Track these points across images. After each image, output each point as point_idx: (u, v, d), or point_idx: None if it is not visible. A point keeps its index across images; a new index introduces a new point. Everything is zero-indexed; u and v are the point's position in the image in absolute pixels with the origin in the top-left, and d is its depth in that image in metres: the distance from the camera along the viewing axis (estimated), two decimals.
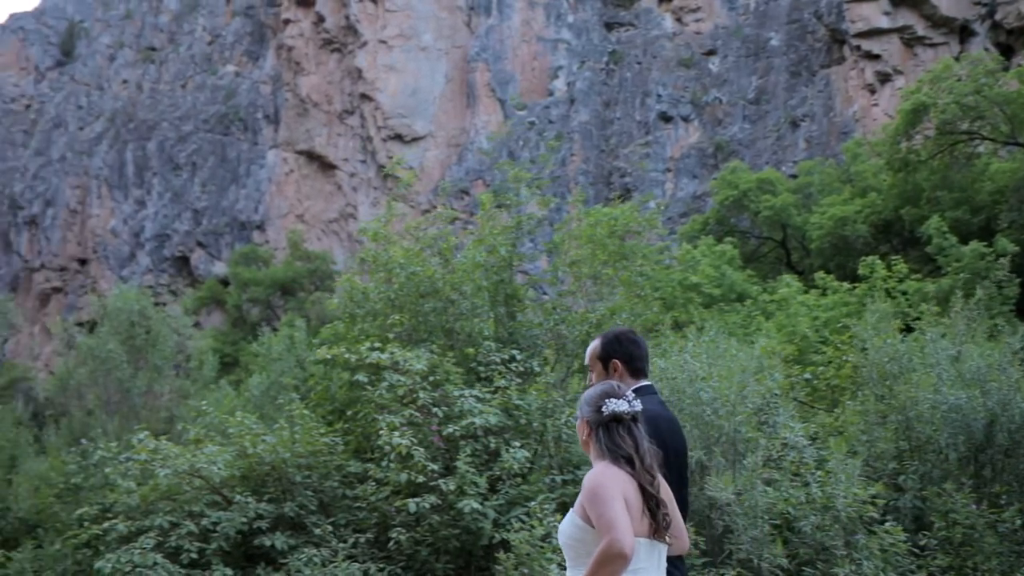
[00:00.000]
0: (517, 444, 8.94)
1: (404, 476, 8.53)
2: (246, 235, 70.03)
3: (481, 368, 10.21)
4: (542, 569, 7.52)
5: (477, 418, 9.00)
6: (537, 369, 10.09)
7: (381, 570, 8.63)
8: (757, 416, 8.80)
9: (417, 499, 8.38)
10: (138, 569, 8.38)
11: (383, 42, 61.32)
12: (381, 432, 8.77)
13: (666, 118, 57.75)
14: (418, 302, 11.15)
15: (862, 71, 49.61)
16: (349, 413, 10.52)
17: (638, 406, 3.83)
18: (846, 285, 20.05)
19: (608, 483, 3.64)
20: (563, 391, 10.24)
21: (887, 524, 7.88)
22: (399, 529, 8.55)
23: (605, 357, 4.65)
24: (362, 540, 8.94)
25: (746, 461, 8.12)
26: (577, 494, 3.85)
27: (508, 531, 8.10)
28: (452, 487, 8.46)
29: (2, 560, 10.17)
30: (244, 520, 9.12)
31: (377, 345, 9.45)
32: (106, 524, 9.01)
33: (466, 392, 9.35)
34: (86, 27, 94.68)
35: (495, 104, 59.75)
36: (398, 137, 61.15)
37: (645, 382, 4.63)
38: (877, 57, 48.63)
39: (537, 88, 60.94)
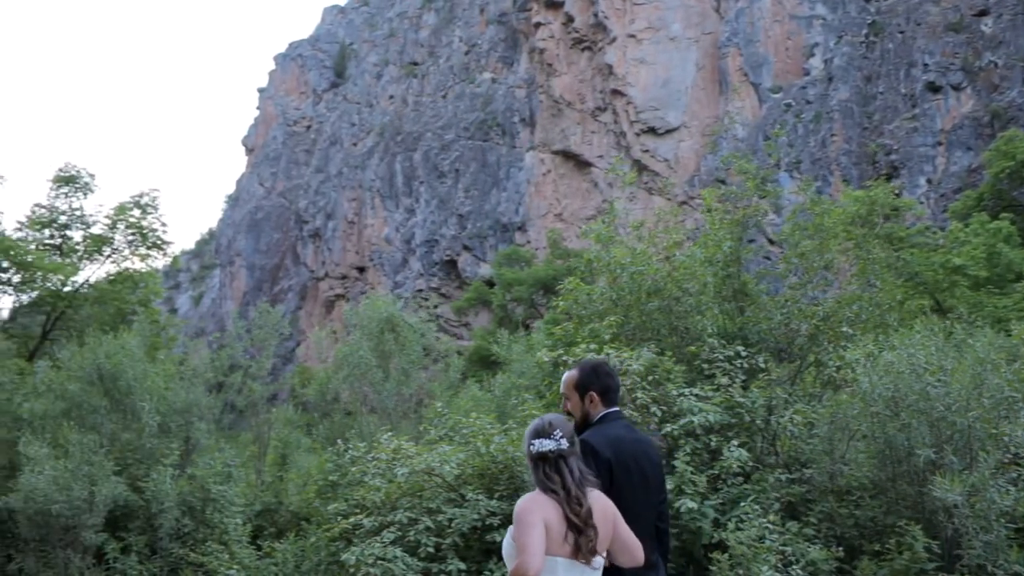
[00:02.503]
0: (735, 443, 8.81)
1: None
2: (508, 236, 72.12)
3: (705, 366, 10.12)
4: (758, 570, 7.43)
5: (696, 416, 8.95)
6: (762, 365, 9.87)
7: None
8: (996, 411, 8.22)
9: None
10: (380, 562, 8.95)
11: (632, 36, 61.41)
12: None
13: (934, 88, 54.19)
14: (643, 301, 11.20)
15: None
16: None
17: (564, 444, 4.25)
18: None
19: (530, 510, 4.14)
20: (789, 387, 9.98)
21: None
22: None
23: (582, 388, 4.95)
24: None
25: (981, 460, 7.64)
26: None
27: (728, 531, 8.05)
28: (670, 486, 8.46)
29: (268, 550, 11.21)
30: (477, 516, 9.51)
31: (593, 346, 9.61)
32: (353, 519, 9.69)
33: (686, 390, 9.32)
34: (355, 48, 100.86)
35: (748, 89, 58.38)
36: (651, 130, 61.05)
37: (614, 408, 4.96)
38: None
39: (792, 68, 58.99)
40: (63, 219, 30.67)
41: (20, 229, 29.79)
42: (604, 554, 4.32)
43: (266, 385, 15.45)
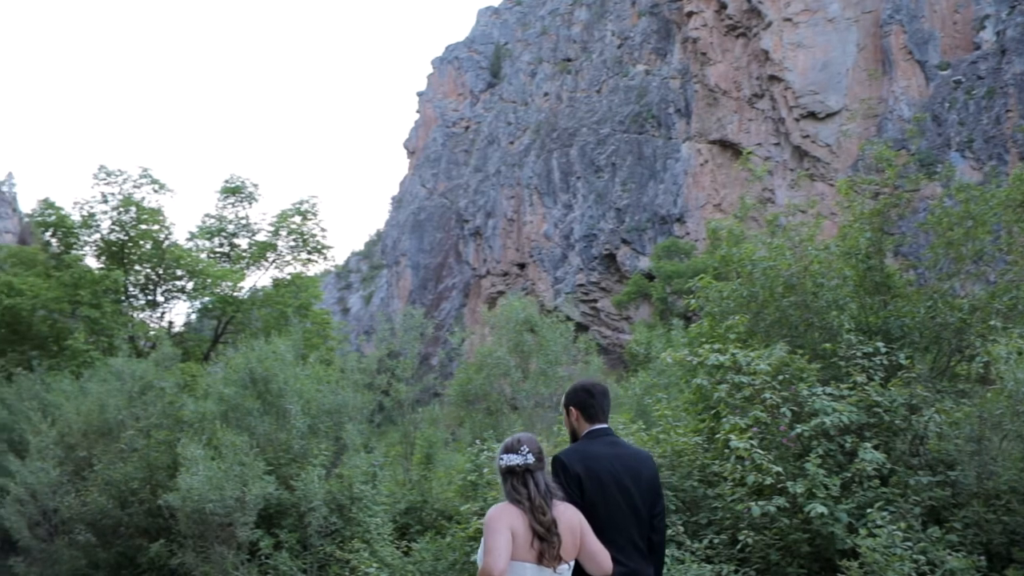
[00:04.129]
0: (869, 444, 8.42)
1: (751, 478, 8.41)
2: (667, 229, 71.38)
3: (842, 363, 9.74)
4: None
5: (830, 417, 8.62)
6: (903, 362, 9.40)
7: (735, 572, 8.56)
8: None
9: (762, 502, 8.22)
10: None
11: (788, 20, 59.66)
12: (729, 434, 8.71)
13: None
14: (777, 297, 10.88)
15: None
16: (712, 412, 10.51)
17: (530, 460, 4.71)
18: None
19: (497, 517, 4.61)
20: (931, 385, 9.49)
21: None
22: (747, 531, 8.44)
23: (566, 405, 5.47)
24: (716, 541, 8.92)
25: None
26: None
27: (860, 537, 7.72)
28: (801, 489, 8.19)
29: (406, 549, 11.45)
30: None
31: (718, 346, 9.39)
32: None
33: (818, 390, 8.99)
34: (509, 48, 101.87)
35: (914, 67, 55.79)
36: (811, 115, 59.18)
37: (600, 425, 5.33)
38: None
39: (961, 43, 56.00)
40: (230, 228, 32.33)
41: (191, 239, 31.55)
42: (571, 562, 4.74)
43: (411, 386, 15.79)
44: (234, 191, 31.94)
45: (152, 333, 28.46)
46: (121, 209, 29.13)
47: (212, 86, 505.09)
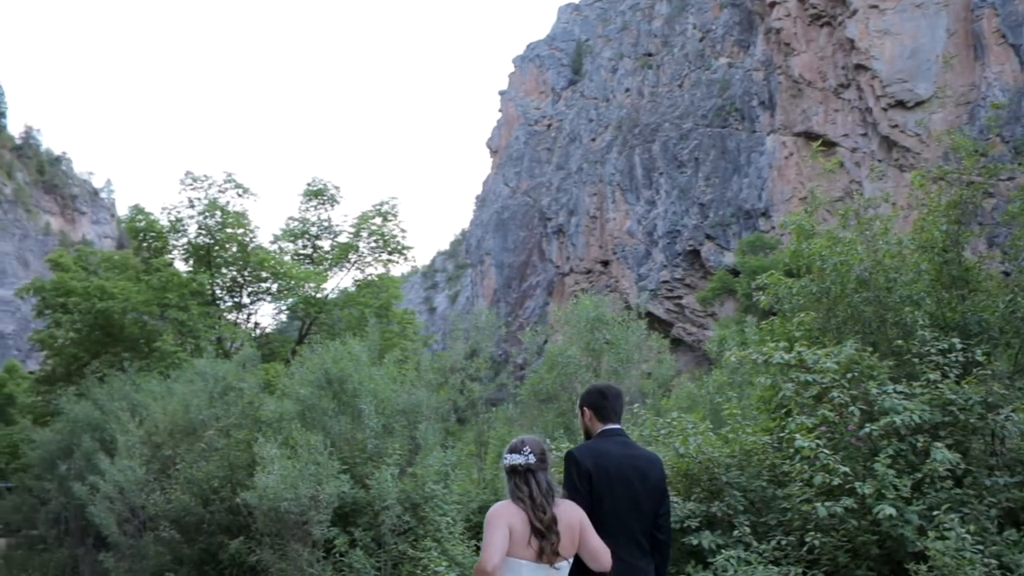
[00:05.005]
0: (940, 444, 8.16)
1: (818, 478, 8.24)
2: (752, 223, 70.35)
3: (915, 360, 9.46)
4: None
5: (900, 416, 8.39)
6: (979, 358, 9.10)
7: (803, 574, 8.41)
8: None
9: (828, 502, 8.05)
10: None
11: (874, 7, 58.21)
12: (795, 434, 8.56)
13: None
14: (849, 293, 10.63)
15: None
16: (783, 411, 10.33)
17: (532, 459, 4.94)
18: None
19: (496, 515, 4.84)
20: (1010, 382, 9.16)
21: None
22: (814, 533, 8.28)
23: (581, 406, 5.81)
24: (784, 542, 8.77)
25: None
26: None
27: (929, 539, 7.52)
28: (869, 490, 8.00)
29: (477, 547, 11.52)
30: (675, 518, 9.36)
31: (783, 344, 9.21)
32: None
33: (889, 388, 8.76)
34: (590, 45, 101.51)
35: (1007, 51, 53.89)
36: (900, 104, 57.64)
37: (612, 425, 5.65)
38: None
39: None
40: (313, 230, 32.89)
41: (275, 241, 32.19)
42: (570, 558, 4.95)
43: (485, 385, 15.85)
44: (317, 194, 32.49)
45: (238, 334, 29.08)
46: (207, 213, 29.84)
47: (300, 90, 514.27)
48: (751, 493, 9.71)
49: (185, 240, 30.60)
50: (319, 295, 31.01)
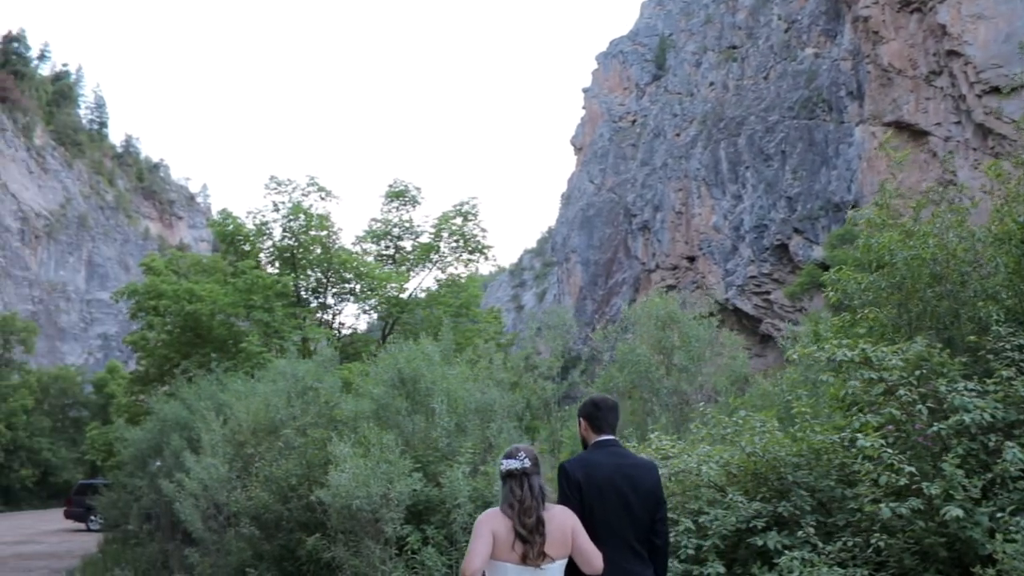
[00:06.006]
0: (1012, 444, 7.89)
1: (884, 478, 8.05)
2: (841, 216, 68.80)
3: (990, 357, 9.17)
4: None
5: (971, 414, 8.15)
6: None
7: None
8: None
9: (894, 503, 7.86)
10: None
11: None
12: (857, 433, 8.38)
13: None
14: (922, 288, 10.35)
15: None
16: (855, 409, 10.11)
17: (527, 464, 5.26)
18: None
19: (482, 522, 5.21)
20: None
21: None
22: (879, 534, 8.09)
23: (578, 416, 6.06)
24: (851, 544, 8.59)
25: None
26: None
27: (1007, 541, 7.29)
28: (937, 491, 7.78)
29: None
30: (740, 518, 9.26)
31: (846, 341, 9.01)
32: None
33: (959, 386, 8.51)
34: (673, 39, 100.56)
35: None
36: (995, 90, 55.76)
37: (606, 436, 5.88)
38: None
39: None
40: (396, 231, 33.31)
41: (357, 242, 32.70)
42: (563, 560, 5.23)
43: (558, 384, 15.85)
44: (398, 195, 32.89)
45: (320, 335, 29.60)
46: (291, 216, 30.44)
47: (387, 93, 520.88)
48: (819, 493, 9.53)
49: (270, 243, 31.27)
50: (401, 295, 31.38)
